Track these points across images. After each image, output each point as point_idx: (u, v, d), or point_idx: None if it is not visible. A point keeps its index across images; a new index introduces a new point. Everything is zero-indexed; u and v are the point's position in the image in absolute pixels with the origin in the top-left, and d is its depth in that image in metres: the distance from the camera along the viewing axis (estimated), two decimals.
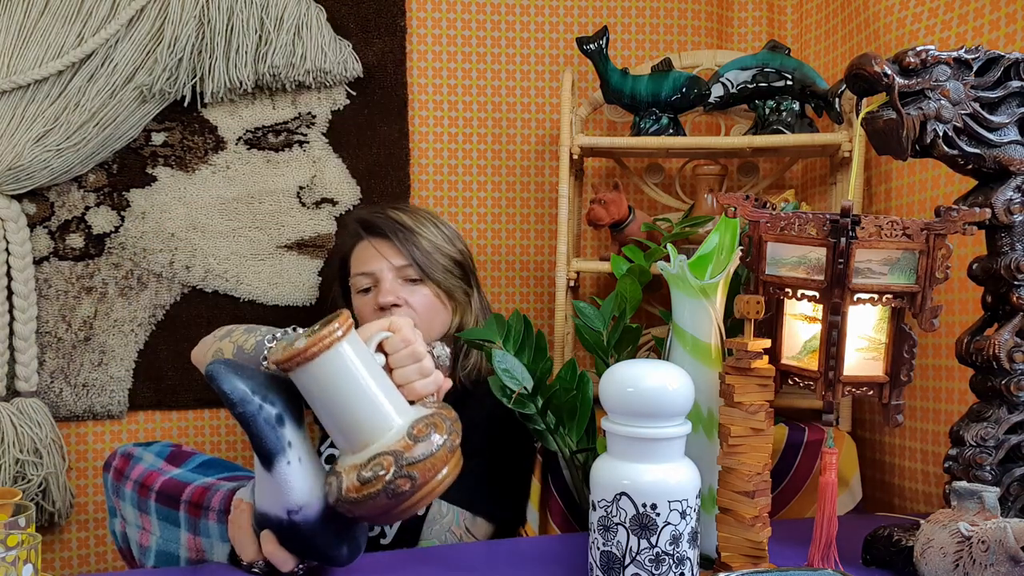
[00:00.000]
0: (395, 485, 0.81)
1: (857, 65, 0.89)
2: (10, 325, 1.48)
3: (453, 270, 1.37)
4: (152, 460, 1.15)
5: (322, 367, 0.84)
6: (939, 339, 1.26)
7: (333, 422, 0.87)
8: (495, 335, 1.22)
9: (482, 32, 1.69)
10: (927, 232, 0.87)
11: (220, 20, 1.50)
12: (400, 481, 0.81)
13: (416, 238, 1.34)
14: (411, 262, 1.33)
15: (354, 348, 0.86)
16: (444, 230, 1.39)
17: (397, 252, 1.34)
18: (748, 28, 1.78)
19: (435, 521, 1.24)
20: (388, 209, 1.39)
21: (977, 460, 0.94)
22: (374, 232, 1.37)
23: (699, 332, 0.97)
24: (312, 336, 0.83)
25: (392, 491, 0.81)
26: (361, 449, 0.85)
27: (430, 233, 1.36)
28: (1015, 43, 1.14)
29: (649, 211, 1.69)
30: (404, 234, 1.34)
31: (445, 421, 0.87)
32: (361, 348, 0.88)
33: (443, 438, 0.84)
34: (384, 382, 0.88)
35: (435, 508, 1.25)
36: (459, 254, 1.39)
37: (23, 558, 0.77)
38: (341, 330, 0.85)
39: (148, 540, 1.10)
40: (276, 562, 0.92)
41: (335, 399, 0.85)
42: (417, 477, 0.81)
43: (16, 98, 1.45)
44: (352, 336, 0.87)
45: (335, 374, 0.85)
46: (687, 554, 0.86)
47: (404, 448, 0.82)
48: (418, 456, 0.82)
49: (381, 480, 0.81)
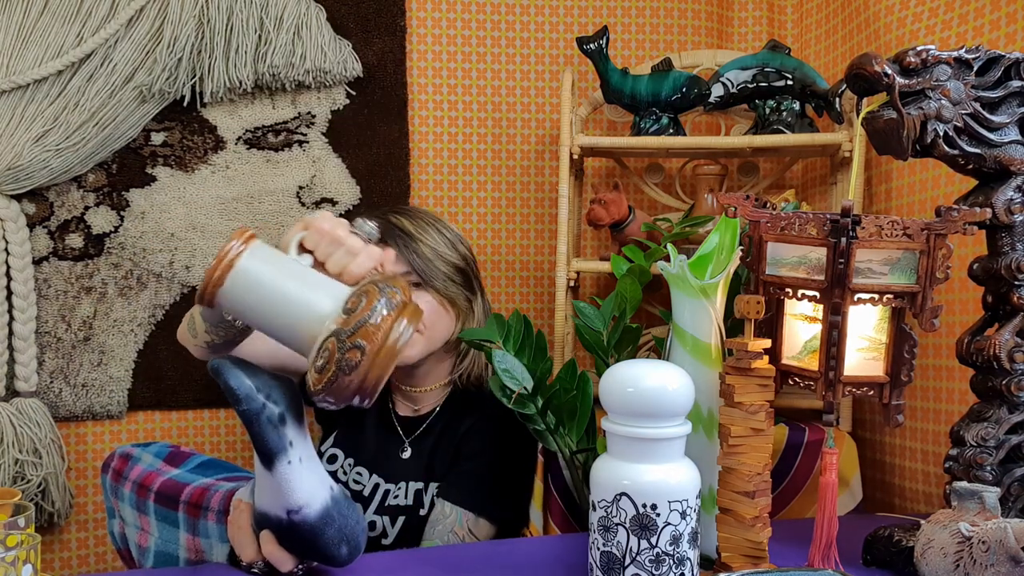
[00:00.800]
0: (346, 360, 0.79)
1: (857, 65, 0.89)
2: (9, 325, 1.48)
3: (454, 277, 1.33)
4: (151, 461, 1.15)
5: (235, 286, 0.83)
6: (939, 339, 1.26)
7: (276, 334, 0.85)
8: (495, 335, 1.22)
9: (482, 32, 1.69)
10: (928, 232, 0.87)
11: (220, 20, 1.50)
12: (349, 354, 0.79)
13: (417, 244, 1.31)
14: (411, 269, 1.30)
15: (262, 257, 0.84)
16: (447, 235, 1.36)
17: (396, 259, 1.30)
18: (748, 28, 1.78)
19: (438, 522, 1.24)
20: (389, 214, 1.36)
21: (977, 460, 0.94)
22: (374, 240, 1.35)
23: (699, 332, 0.96)
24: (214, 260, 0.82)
25: (347, 366, 0.79)
26: (310, 347, 0.83)
27: (431, 239, 1.33)
28: (1015, 43, 1.14)
29: (649, 211, 1.69)
30: (404, 240, 1.31)
31: (379, 285, 0.83)
32: (273, 255, 0.86)
33: (380, 299, 0.81)
34: (312, 279, 0.86)
35: (438, 509, 1.25)
36: (461, 260, 1.35)
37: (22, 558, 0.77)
38: (239, 243, 0.83)
39: (147, 541, 1.10)
40: (275, 562, 0.91)
41: (263, 312, 0.84)
42: (364, 344, 0.79)
43: (16, 98, 1.45)
44: (256, 247, 0.85)
45: (250, 288, 0.83)
46: (687, 554, 0.85)
47: (341, 324, 0.80)
48: (356, 325, 0.80)
49: (332, 361, 0.79)
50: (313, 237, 0.90)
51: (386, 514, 1.29)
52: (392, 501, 1.30)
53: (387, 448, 1.35)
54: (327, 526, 0.90)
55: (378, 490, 1.32)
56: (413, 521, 1.28)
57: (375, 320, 0.80)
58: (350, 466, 1.35)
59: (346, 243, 0.89)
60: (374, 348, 0.79)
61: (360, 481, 1.33)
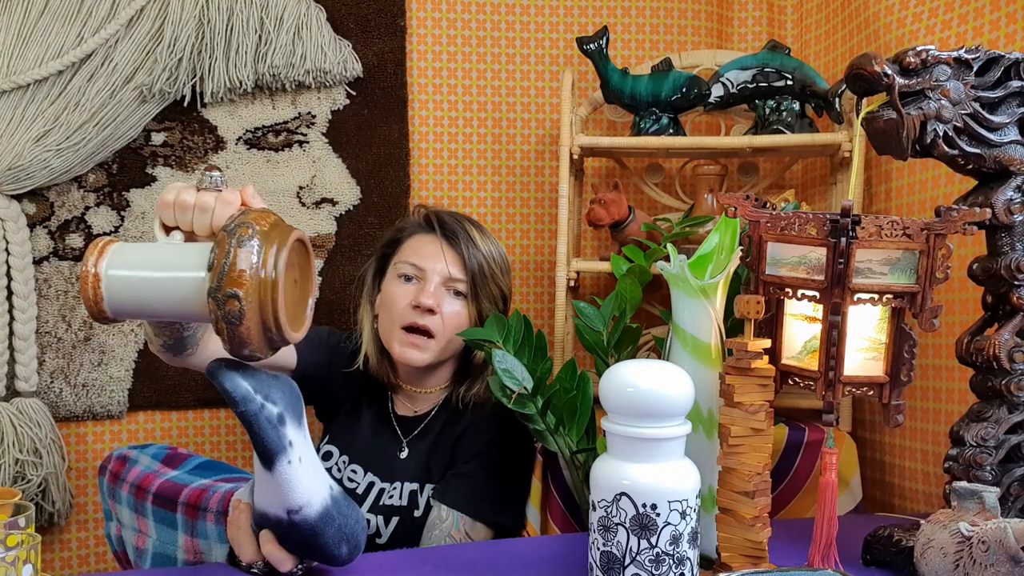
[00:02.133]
0: (227, 312, 0.78)
1: (857, 65, 0.89)
2: (10, 325, 1.48)
3: (498, 302, 1.34)
4: (148, 463, 1.15)
5: (113, 295, 0.83)
6: (939, 339, 1.26)
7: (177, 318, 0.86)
8: (495, 335, 1.22)
9: (482, 32, 1.69)
10: (927, 232, 0.87)
11: (220, 20, 1.50)
12: (229, 306, 0.78)
13: (480, 255, 1.31)
14: (467, 279, 1.30)
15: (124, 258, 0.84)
16: (504, 262, 1.36)
17: (459, 262, 1.31)
18: (748, 28, 1.78)
19: (435, 526, 1.24)
20: (465, 220, 1.36)
21: (977, 460, 0.94)
22: (446, 232, 1.33)
23: (699, 332, 0.97)
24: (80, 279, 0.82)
25: (233, 318, 0.78)
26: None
27: (493, 260, 1.33)
28: (1015, 43, 1.14)
29: (649, 211, 1.69)
30: (473, 250, 1.31)
31: (228, 228, 0.81)
32: (134, 251, 0.85)
33: (230, 242, 0.79)
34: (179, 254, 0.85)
35: (435, 513, 1.25)
36: (507, 289, 1.37)
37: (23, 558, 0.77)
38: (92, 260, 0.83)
39: (144, 543, 1.10)
40: (275, 562, 0.91)
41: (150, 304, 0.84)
42: (238, 292, 0.78)
43: (16, 98, 1.45)
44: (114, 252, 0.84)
45: (127, 289, 0.83)
46: (687, 554, 0.85)
47: (210, 282, 0.79)
48: (219, 278, 0.78)
49: (218, 319, 0.79)
50: (166, 213, 0.88)
51: (380, 513, 1.29)
52: (387, 501, 1.30)
53: (383, 447, 1.35)
54: (327, 526, 0.90)
55: (372, 488, 1.32)
56: (407, 522, 1.28)
57: (235, 263, 0.78)
58: (344, 463, 1.35)
59: (198, 203, 0.87)
60: (247, 290, 0.78)
61: (354, 479, 1.33)
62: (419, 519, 1.28)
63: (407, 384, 1.37)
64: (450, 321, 1.30)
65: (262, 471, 0.89)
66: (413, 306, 1.29)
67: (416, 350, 1.29)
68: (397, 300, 1.30)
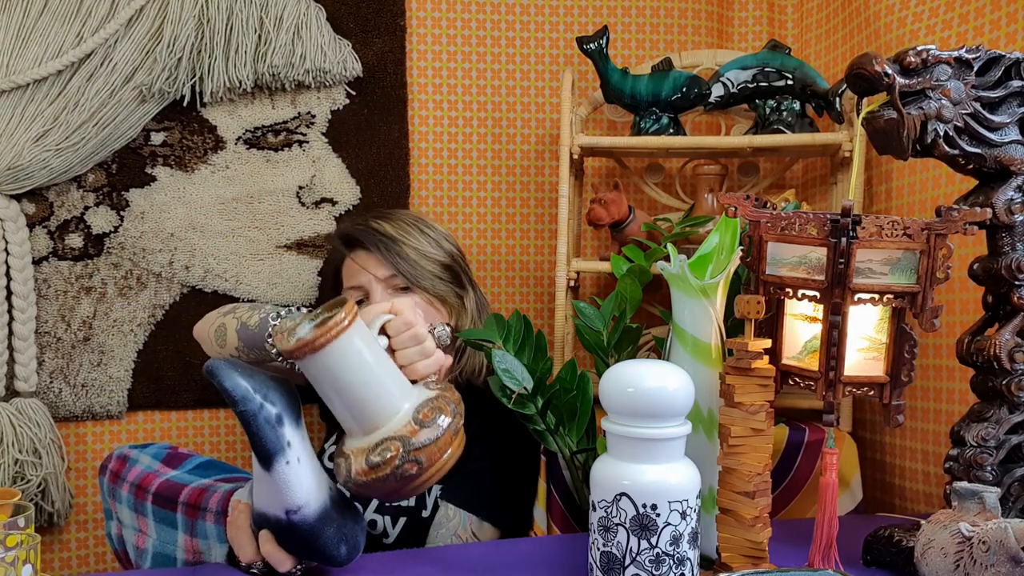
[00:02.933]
0: (403, 470, 0.83)
1: (858, 65, 0.89)
2: (9, 325, 1.48)
3: (442, 275, 1.34)
4: (148, 462, 1.15)
5: (329, 356, 0.85)
6: (940, 339, 1.26)
7: (342, 407, 0.88)
8: (495, 335, 1.22)
9: (482, 32, 1.69)
10: (928, 232, 0.87)
11: (219, 20, 1.50)
12: (407, 466, 0.83)
13: (399, 247, 1.31)
14: (396, 272, 1.30)
15: (359, 335, 0.87)
16: (431, 234, 1.36)
17: (380, 264, 1.31)
18: (748, 28, 1.77)
19: (441, 524, 1.24)
20: (370, 220, 1.37)
21: (978, 460, 0.94)
22: (355, 246, 1.35)
23: (699, 332, 0.96)
24: (320, 326, 0.84)
25: (400, 475, 0.83)
26: (369, 432, 0.87)
27: (415, 240, 1.33)
28: (1016, 43, 1.14)
29: (649, 211, 1.68)
30: (386, 244, 1.31)
31: (449, 404, 0.88)
32: (365, 333, 0.89)
33: (448, 420, 0.87)
34: (388, 365, 0.90)
35: (442, 512, 1.25)
36: (447, 257, 1.36)
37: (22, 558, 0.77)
38: (348, 319, 0.86)
39: (144, 542, 1.10)
40: (274, 562, 0.91)
41: (343, 385, 0.87)
42: (423, 461, 0.84)
43: (15, 98, 1.45)
44: (357, 323, 0.88)
45: (342, 361, 0.86)
46: (687, 555, 0.85)
47: (411, 433, 0.84)
48: (424, 441, 0.84)
49: (390, 464, 0.83)
50: (397, 325, 0.94)
51: (387, 514, 1.29)
52: (394, 502, 1.30)
53: None
54: (326, 526, 0.90)
55: None
56: (415, 522, 1.28)
57: (440, 442, 0.86)
58: None
59: (423, 343, 0.94)
60: (429, 466, 0.85)
61: None
62: (427, 519, 1.28)
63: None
64: None
65: (260, 471, 0.89)
66: None
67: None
68: None
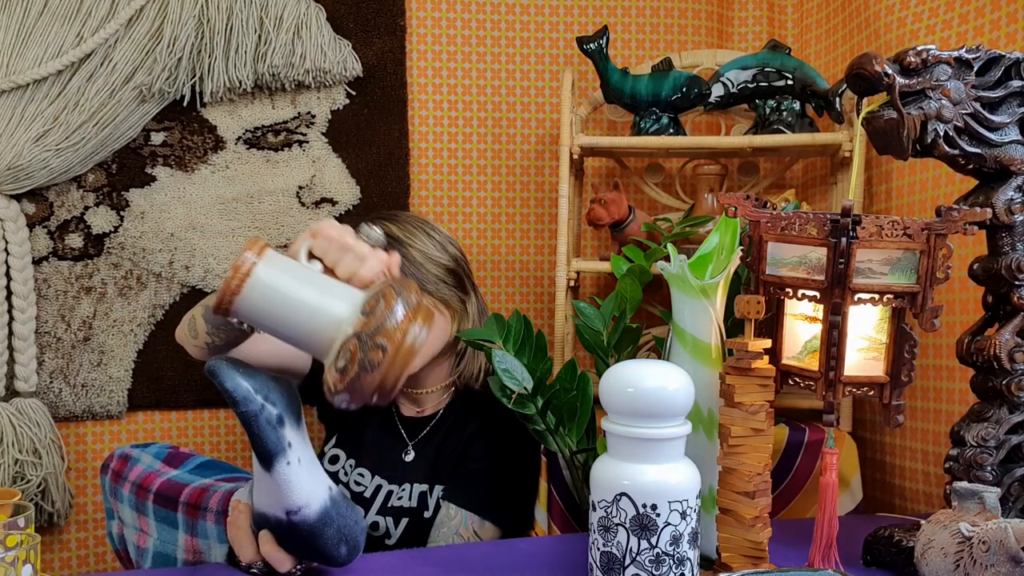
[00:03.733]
0: (368, 359, 0.82)
1: (858, 65, 0.89)
2: (9, 325, 1.48)
3: (446, 279, 1.32)
4: (150, 461, 1.15)
5: (251, 294, 0.85)
6: (940, 339, 1.26)
7: (295, 338, 0.88)
8: (495, 335, 1.22)
9: (482, 32, 1.69)
10: (928, 232, 0.87)
11: (219, 20, 1.50)
12: (372, 354, 0.82)
13: (406, 249, 1.30)
14: (400, 275, 1.29)
15: (275, 266, 0.87)
16: (436, 237, 1.34)
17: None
18: (748, 28, 1.78)
19: (443, 524, 1.24)
20: (375, 221, 1.34)
21: (978, 460, 0.94)
22: None
23: (699, 332, 0.96)
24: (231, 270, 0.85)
25: (369, 365, 0.82)
26: (328, 350, 0.85)
27: (420, 243, 1.31)
28: (1016, 43, 1.14)
29: (649, 211, 1.68)
30: (392, 246, 1.28)
31: (393, 287, 0.86)
32: (285, 263, 0.89)
33: (398, 300, 0.84)
34: (324, 284, 0.89)
35: (444, 511, 1.25)
36: (452, 261, 1.34)
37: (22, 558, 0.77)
38: (254, 254, 0.86)
39: (145, 542, 1.10)
40: (274, 562, 0.91)
41: (280, 318, 0.86)
42: (385, 344, 0.82)
43: (15, 98, 1.45)
44: (269, 256, 0.87)
45: (266, 295, 0.86)
46: (687, 554, 0.85)
47: (362, 326, 0.83)
48: (376, 326, 0.82)
49: (354, 361, 0.82)
50: (321, 244, 0.92)
51: (389, 515, 1.29)
52: (395, 502, 1.30)
53: (390, 450, 1.35)
54: (326, 526, 0.90)
55: (380, 491, 1.32)
56: (417, 523, 1.28)
57: (394, 321, 0.82)
58: (351, 467, 1.35)
59: (354, 249, 0.91)
60: (395, 347, 0.82)
61: (361, 483, 1.33)
62: (429, 520, 1.28)
63: (407, 387, 1.36)
64: None
65: (261, 472, 0.89)
66: None
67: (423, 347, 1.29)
68: None
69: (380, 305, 0.83)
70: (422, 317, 0.85)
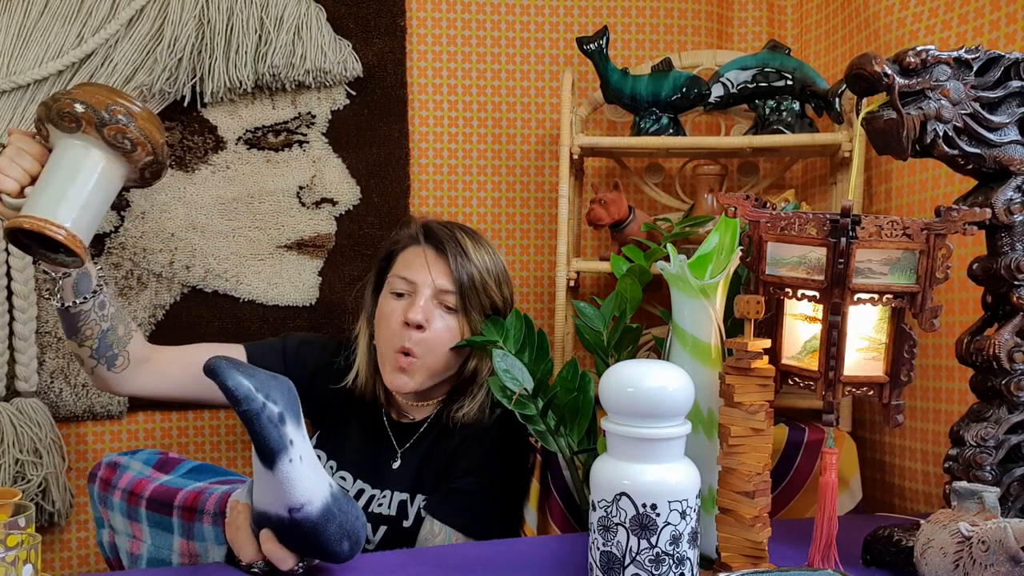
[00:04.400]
0: (112, 120, 1.02)
1: (857, 65, 0.89)
2: (10, 325, 1.48)
3: (488, 312, 1.29)
4: (140, 468, 1.13)
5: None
6: (939, 339, 1.26)
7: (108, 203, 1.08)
8: (495, 335, 1.22)
9: (482, 32, 1.69)
10: (927, 232, 0.87)
11: (220, 20, 1.50)
12: (111, 128, 1.01)
13: (471, 266, 1.27)
14: (455, 290, 1.26)
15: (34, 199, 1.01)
16: (500, 271, 1.32)
17: (446, 273, 1.26)
18: (748, 28, 1.78)
19: (427, 540, 1.23)
20: (456, 227, 1.32)
21: (977, 460, 0.94)
22: (432, 241, 1.29)
23: (699, 332, 0.97)
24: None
25: (115, 120, 1.02)
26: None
27: (487, 271, 1.28)
28: (1015, 43, 1.14)
29: (649, 211, 1.69)
30: (461, 259, 1.26)
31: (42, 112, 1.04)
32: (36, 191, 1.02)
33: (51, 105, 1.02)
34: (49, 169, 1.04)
35: (427, 527, 1.24)
36: (502, 300, 1.31)
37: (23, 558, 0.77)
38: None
39: (139, 548, 1.09)
40: (276, 560, 0.91)
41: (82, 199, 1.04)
42: (81, 105, 1.01)
43: (16, 98, 1.45)
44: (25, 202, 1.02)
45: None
46: (687, 554, 0.85)
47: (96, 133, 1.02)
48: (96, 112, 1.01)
49: (115, 134, 1.03)
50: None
51: (368, 521, 1.28)
52: (376, 508, 1.29)
53: (376, 454, 1.34)
54: (329, 523, 0.90)
55: (362, 496, 1.31)
56: (396, 531, 1.27)
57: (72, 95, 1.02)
58: (332, 469, 1.34)
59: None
60: (88, 104, 1.01)
61: (343, 486, 1.32)
62: (408, 529, 1.27)
63: (403, 399, 1.36)
64: (439, 338, 1.26)
65: (263, 470, 0.89)
66: (404, 323, 1.26)
67: (404, 375, 1.26)
68: (390, 318, 1.28)
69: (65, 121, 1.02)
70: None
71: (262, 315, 1.61)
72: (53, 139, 1.04)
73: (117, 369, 1.20)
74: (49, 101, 1.02)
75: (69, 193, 1.01)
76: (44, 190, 1.01)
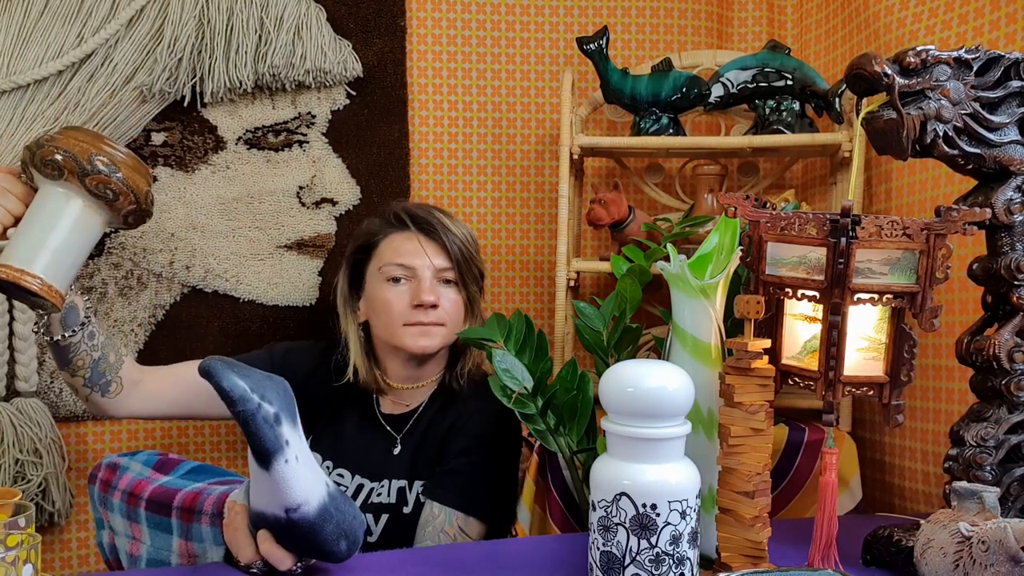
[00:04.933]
0: (95, 169, 1.02)
1: (857, 65, 0.89)
2: (10, 325, 1.48)
3: (478, 281, 1.38)
4: (139, 469, 1.14)
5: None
6: (939, 339, 1.26)
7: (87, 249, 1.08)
8: (496, 335, 1.22)
9: (482, 32, 1.69)
10: (927, 232, 0.87)
11: (220, 20, 1.50)
12: (94, 179, 1.02)
13: (459, 242, 1.34)
14: (453, 266, 1.33)
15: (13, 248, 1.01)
16: (475, 241, 1.39)
17: (442, 253, 1.33)
18: (748, 28, 1.78)
19: (427, 523, 1.24)
20: (433, 209, 1.38)
21: (977, 460, 0.94)
22: (421, 227, 1.34)
23: (699, 332, 0.97)
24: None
25: (100, 169, 1.02)
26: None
27: (468, 242, 1.36)
28: (1015, 43, 1.14)
29: (649, 211, 1.69)
30: (451, 237, 1.33)
31: (26, 156, 1.04)
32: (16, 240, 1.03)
33: (34, 149, 1.02)
34: (30, 216, 1.04)
35: (427, 510, 1.25)
36: (481, 265, 1.40)
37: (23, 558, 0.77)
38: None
39: (138, 549, 1.09)
40: (274, 560, 0.91)
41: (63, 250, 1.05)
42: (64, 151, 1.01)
43: (16, 98, 1.45)
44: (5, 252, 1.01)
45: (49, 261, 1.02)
46: (687, 554, 0.85)
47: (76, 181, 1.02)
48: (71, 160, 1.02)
49: (98, 184, 1.02)
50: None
51: (369, 511, 1.30)
52: (375, 499, 1.30)
53: (372, 447, 1.35)
54: (326, 522, 0.90)
55: (361, 490, 1.32)
56: (397, 519, 1.28)
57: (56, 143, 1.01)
58: (329, 469, 1.35)
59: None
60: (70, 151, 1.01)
61: (341, 483, 1.33)
62: (409, 515, 1.28)
63: (401, 384, 1.36)
64: (453, 309, 1.33)
65: (259, 471, 0.89)
66: (415, 305, 1.30)
67: (427, 337, 1.31)
68: (393, 303, 1.31)
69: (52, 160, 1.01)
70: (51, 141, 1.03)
71: (262, 315, 1.61)
72: (37, 182, 1.04)
73: (111, 395, 1.21)
74: (33, 146, 1.01)
75: (47, 242, 1.00)
76: (22, 238, 1.01)
